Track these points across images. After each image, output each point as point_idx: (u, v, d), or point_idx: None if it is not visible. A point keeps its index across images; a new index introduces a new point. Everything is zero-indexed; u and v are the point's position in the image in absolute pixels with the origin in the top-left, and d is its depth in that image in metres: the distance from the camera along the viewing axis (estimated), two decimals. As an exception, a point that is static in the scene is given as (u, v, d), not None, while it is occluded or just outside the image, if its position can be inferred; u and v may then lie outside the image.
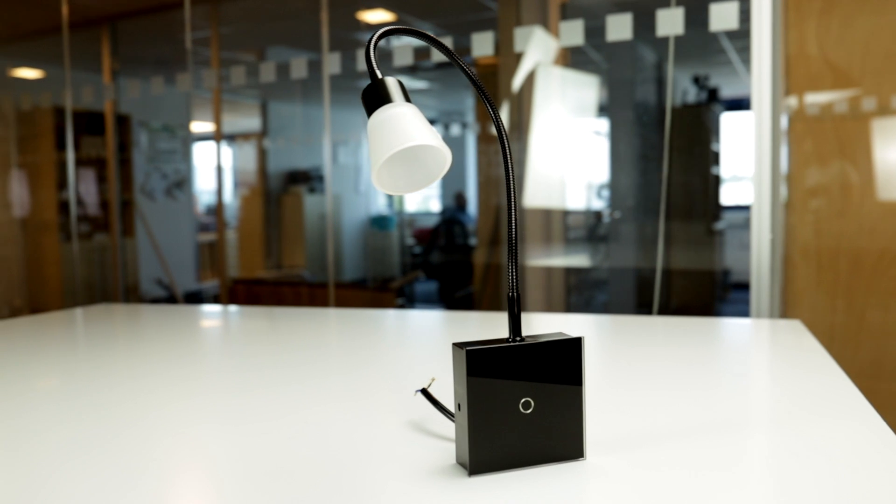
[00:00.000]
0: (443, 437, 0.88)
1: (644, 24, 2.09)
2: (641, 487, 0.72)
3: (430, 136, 0.71)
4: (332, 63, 2.87)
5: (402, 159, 0.76)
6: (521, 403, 0.77)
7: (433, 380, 0.93)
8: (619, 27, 2.11)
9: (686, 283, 4.42)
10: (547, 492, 0.72)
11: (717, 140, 4.78)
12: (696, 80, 4.74)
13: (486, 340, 0.78)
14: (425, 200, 8.58)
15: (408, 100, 0.76)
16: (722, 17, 2.02)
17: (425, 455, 0.82)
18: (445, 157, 0.74)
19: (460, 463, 0.78)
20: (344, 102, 5.01)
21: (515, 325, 0.79)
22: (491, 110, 0.82)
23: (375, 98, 0.75)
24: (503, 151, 0.81)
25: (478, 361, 0.75)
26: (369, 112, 0.75)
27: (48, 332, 1.82)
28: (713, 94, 4.69)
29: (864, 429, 0.89)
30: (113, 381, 1.25)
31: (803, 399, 1.04)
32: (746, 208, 3.95)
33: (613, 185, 4.18)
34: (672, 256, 4.29)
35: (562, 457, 0.78)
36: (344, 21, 4.25)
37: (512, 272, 0.79)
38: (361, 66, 3.01)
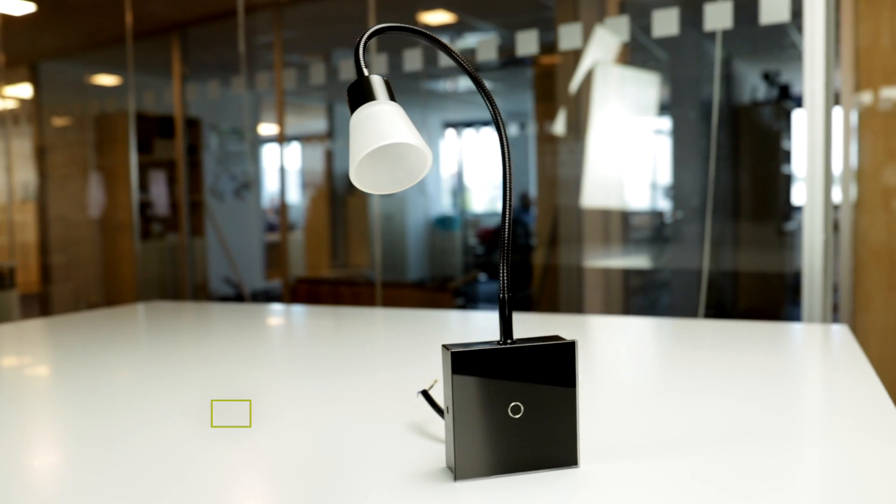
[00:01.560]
0: (441, 440, 0.88)
1: (693, 19, 2.02)
2: (633, 500, 0.70)
3: (410, 135, 0.71)
4: (379, 65, 2.90)
5: (384, 158, 0.76)
6: (510, 408, 0.75)
7: (435, 381, 0.92)
8: (666, 22, 2.05)
9: (754, 286, 4.27)
10: (533, 499, 0.70)
11: (789, 138, 4.60)
12: (766, 77, 4.57)
13: (477, 342, 0.77)
14: (491, 201, 8.55)
15: (392, 99, 0.75)
16: (773, 10, 1.93)
17: (418, 457, 0.82)
18: (426, 156, 0.73)
19: (449, 467, 0.77)
20: (402, 104, 5.03)
21: (506, 327, 0.77)
22: (490, 107, 0.81)
23: (359, 95, 0.74)
24: (501, 151, 0.80)
25: (463, 363, 0.74)
26: (353, 109, 0.75)
27: (88, 328, 1.89)
28: (784, 91, 4.52)
29: (881, 443, 0.84)
30: (134, 377, 1.29)
31: (828, 409, 0.99)
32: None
33: (676, 184, 4.08)
34: (740, 258, 4.15)
35: (554, 464, 0.77)
36: (406, 22, 4.28)
37: (503, 274, 0.77)
38: (410, 66, 3.02)
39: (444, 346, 0.76)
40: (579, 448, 0.77)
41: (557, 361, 0.76)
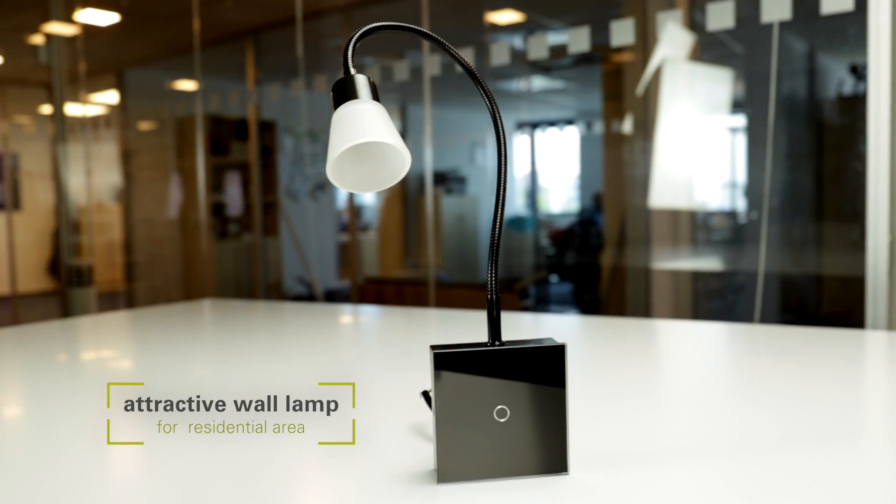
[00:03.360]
0: (438, 442, 0.86)
1: (750, 11, 1.93)
2: (611, 508, 0.67)
3: (388, 135, 0.70)
4: (431, 65, 2.90)
5: (367, 157, 0.75)
6: (496, 411, 0.74)
7: (437, 383, 0.91)
8: (720, 16, 1.96)
9: (837, 290, 4.06)
10: (511, 505, 0.68)
11: (877, 134, 4.36)
12: (854, 70, 4.35)
13: (465, 344, 0.75)
14: (568, 201, 8.44)
15: (376, 99, 0.75)
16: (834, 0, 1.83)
17: (411, 458, 0.81)
18: (404, 157, 0.72)
19: (436, 469, 0.76)
20: (474, 104, 5.03)
21: (494, 328, 0.76)
22: (488, 102, 0.79)
23: (342, 93, 0.74)
24: (498, 151, 0.79)
25: (446, 364, 0.73)
26: (335, 106, 0.75)
27: (130, 326, 1.96)
28: (872, 84, 4.28)
29: (881, 458, 0.78)
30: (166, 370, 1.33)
31: (848, 423, 0.93)
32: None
33: (752, 184, 3.92)
34: (822, 261, 3.96)
35: (541, 470, 0.74)
36: (472, 21, 4.28)
37: (491, 274, 0.76)
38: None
39: (432, 347, 0.75)
40: (569, 454, 0.75)
41: (546, 365, 0.74)
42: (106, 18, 4.48)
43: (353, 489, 0.74)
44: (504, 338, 0.76)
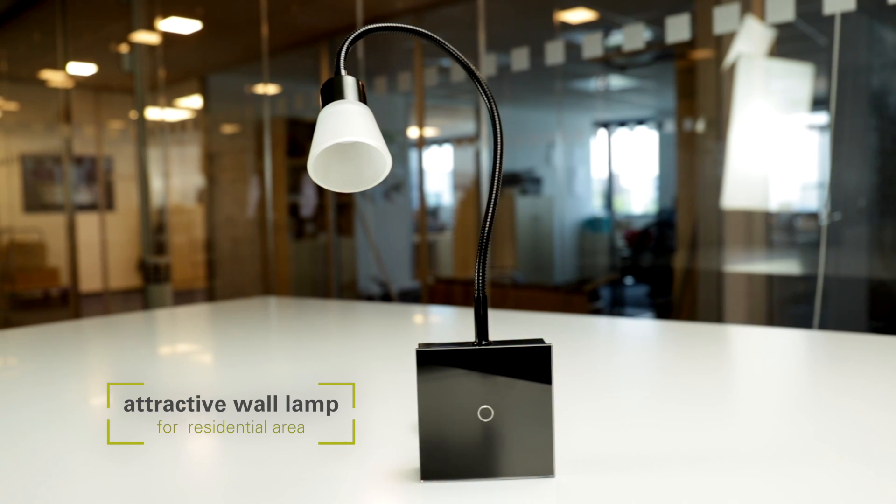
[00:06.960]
0: (437, 441, 0.86)
1: (812, 3, 1.84)
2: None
3: (368, 135, 0.71)
4: (487, 65, 2.89)
5: (351, 156, 0.76)
6: (480, 411, 0.73)
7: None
8: (780, 8, 1.87)
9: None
10: (488, 506, 0.68)
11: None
12: (950, 62, 4.08)
13: (451, 343, 0.75)
14: (649, 203, 8.26)
15: (363, 101, 0.75)
16: (901, -13, 1.72)
17: (405, 456, 0.81)
18: (385, 158, 0.72)
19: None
20: (547, 104, 4.98)
21: (481, 327, 0.75)
22: (488, 102, 0.79)
23: (329, 93, 0.75)
24: (495, 149, 0.78)
25: (430, 363, 0.73)
26: (323, 105, 0.76)
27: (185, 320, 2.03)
28: (970, 77, 4.01)
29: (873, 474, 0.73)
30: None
31: (860, 432, 0.87)
32: None
33: (834, 183, 3.73)
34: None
35: (527, 472, 0.73)
36: (541, 21, 4.25)
37: (479, 273, 0.75)
38: (517, 65, 2.98)
39: (420, 345, 0.75)
40: (555, 457, 0.73)
41: (532, 365, 0.73)
42: (189, 27, 4.67)
43: (328, 483, 0.75)
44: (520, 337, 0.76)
